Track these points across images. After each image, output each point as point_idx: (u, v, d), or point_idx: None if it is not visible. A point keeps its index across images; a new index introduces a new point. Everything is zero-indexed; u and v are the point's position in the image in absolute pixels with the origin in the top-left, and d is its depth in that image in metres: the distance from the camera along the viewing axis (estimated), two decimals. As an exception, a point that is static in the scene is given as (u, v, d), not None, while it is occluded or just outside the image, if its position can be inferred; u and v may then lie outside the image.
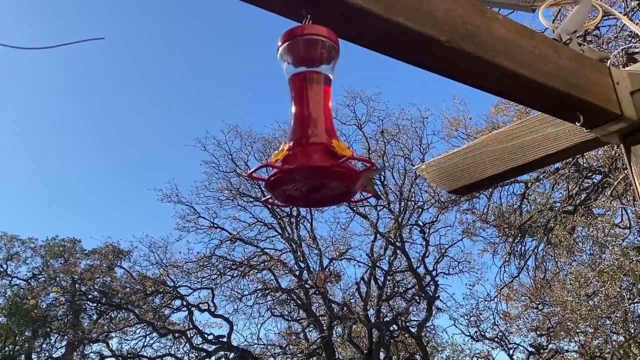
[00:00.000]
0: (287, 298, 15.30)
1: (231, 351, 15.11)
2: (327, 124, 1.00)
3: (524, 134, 1.99)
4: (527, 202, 13.37)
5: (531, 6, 2.00)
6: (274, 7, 1.12)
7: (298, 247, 15.00)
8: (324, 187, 0.97)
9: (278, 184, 0.93)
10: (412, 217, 15.16)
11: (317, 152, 0.93)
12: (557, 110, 1.61)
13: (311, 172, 0.92)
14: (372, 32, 1.20)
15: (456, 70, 1.38)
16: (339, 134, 1.02)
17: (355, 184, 0.94)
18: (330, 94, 1.04)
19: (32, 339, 17.48)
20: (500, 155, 2.05)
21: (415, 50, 1.28)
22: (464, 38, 1.29)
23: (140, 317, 15.63)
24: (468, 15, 1.34)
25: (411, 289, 15.46)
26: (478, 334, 15.63)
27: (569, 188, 12.14)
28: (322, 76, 1.04)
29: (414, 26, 1.20)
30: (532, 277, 13.97)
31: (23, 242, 19.02)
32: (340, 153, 0.91)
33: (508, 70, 1.37)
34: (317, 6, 1.10)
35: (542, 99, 1.54)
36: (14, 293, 17.99)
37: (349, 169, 0.93)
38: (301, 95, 1.02)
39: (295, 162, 0.92)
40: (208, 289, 15.27)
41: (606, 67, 1.69)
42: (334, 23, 1.15)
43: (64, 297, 17.32)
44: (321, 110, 1.01)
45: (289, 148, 0.94)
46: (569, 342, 14.50)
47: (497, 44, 1.37)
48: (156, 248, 15.43)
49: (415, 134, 15.15)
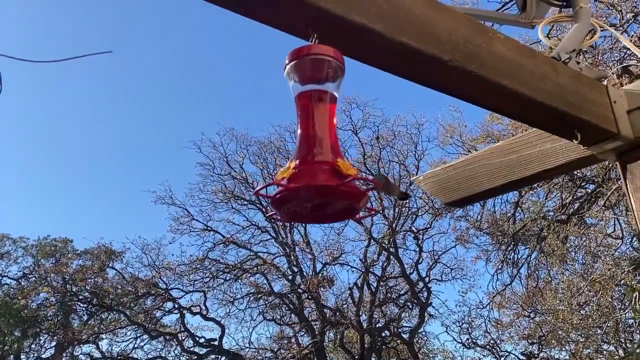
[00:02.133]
0: (280, 302, 15.28)
1: (222, 355, 15.07)
2: (332, 142, 1.02)
3: (521, 149, 2.01)
4: (520, 211, 13.44)
5: (530, 23, 2.04)
6: (281, 26, 1.13)
7: (292, 251, 15.00)
8: (328, 205, 0.98)
9: (284, 201, 0.95)
10: (406, 223, 15.21)
11: (323, 171, 0.95)
12: (556, 128, 1.64)
13: (316, 191, 0.93)
14: (376, 51, 1.22)
15: (458, 88, 1.40)
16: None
17: (360, 201, 0.95)
18: (335, 112, 1.06)
19: (22, 339, 17.35)
20: (497, 169, 2.08)
21: (418, 69, 1.30)
22: (466, 57, 1.31)
23: (131, 319, 15.56)
24: (470, 34, 1.36)
25: (404, 295, 15.49)
26: (470, 341, 15.67)
27: (562, 197, 12.21)
28: (328, 95, 1.05)
29: (418, 46, 1.22)
30: (524, 285, 14.04)
31: (14, 241, 18.90)
32: (345, 172, 0.93)
33: (509, 89, 1.40)
34: (323, 25, 1.11)
35: (542, 117, 1.57)
36: (4, 292, 17.86)
37: (354, 188, 0.94)
38: (307, 113, 1.04)
39: (301, 181, 0.93)
40: (200, 292, 15.24)
41: (604, 85, 1.71)
42: (339, 41, 1.17)
43: (55, 297, 17.22)
44: (326, 128, 1.03)
45: (295, 166, 0.96)
46: (560, 351, 14.57)
47: (499, 63, 1.39)
48: (149, 250, 15.41)
49: (410, 140, 15.22)
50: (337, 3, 1.10)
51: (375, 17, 1.15)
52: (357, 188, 0.95)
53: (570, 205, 11.90)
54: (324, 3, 1.08)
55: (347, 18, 1.11)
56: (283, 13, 1.10)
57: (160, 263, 15.32)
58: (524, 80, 1.44)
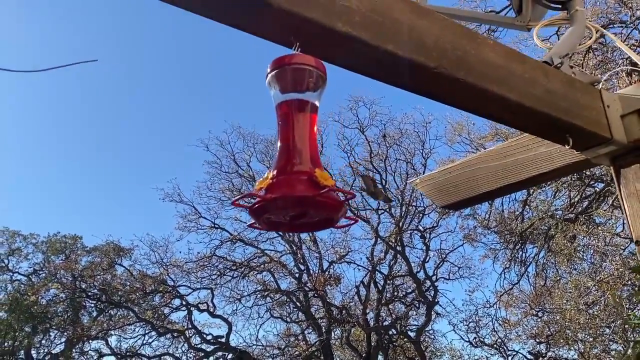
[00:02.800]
0: (287, 300, 15.32)
1: (229, 352, 15.13)
2: (311, 151, 1.02)
3: (517, 152, 2.01)
4: (529, 209, 13.37)
5: (526, 25, 2.03)
6: (264, 34, 1.14)
7: (298, 249, 15.02)
8: (307, 214, 0.99)
9: (262, 211, 0.95)
10: (413, 222, 15.17)
11: (300, 181, 0.96)
12: (547, 133, 1.63)
13: (293, 202, 0.94)
14: (361, 59, 1.22)
15: (445, 95, 1.40)
16: (340, 137, 1.04)
17: (338, 212, 0.96)
18: (316, 121, 1.06)
19: (32, 334, 17.53)
20: (493, 173, 2.07)
21: (404, 77, 1.30)
22: (453, 64, 1.31)
23: (140, 316, 15.66)
24: (458, 40, 1.36)
25: (411, 294, 15.46)
26: (477, 339, 15.62)
27: (570, 196, 12.13)
28: (309, 104, 1.06)
29: (403, 53, 1.22)
30: (532, 284, 13.97)
31: (25, 238, 19.08)
32: (323, 183, 0.93)
33: (497, 94, 1.39)
34: (307, 34, 1.12)
35: (532, 122, 1.56)
36: (14, 289, 18.05)
37: (331, 198, 0.95)
38: (287, 122, 1.04)
39: (277, 191, 0.94)
40: (208, 289, 15.30)
41: (597, 90, 1.70)
42: (323, 50, 1.17)
43: (64, 293, 17.37)
44: (306, 138, 1.03)
45: (272, 176, 0.96)
46: (569, 350, 14.49)
47: (487, 69, 1.39)
48: (157, 247, 15.48)
49: (417, 138, 15.17)
50: (321, 12, 1.10)
51: (359, 25, 1.15)
52: (334, 199, 0.95)
53: (578, 204, 11.81)
54: (308, 12, 1.09)
55: (331, 27, 1.11)
56: (266, 23, 1.10)
57: (168, 260, 15.41)
58: (514, 85, 1.44)
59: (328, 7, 1.11)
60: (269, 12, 1.06)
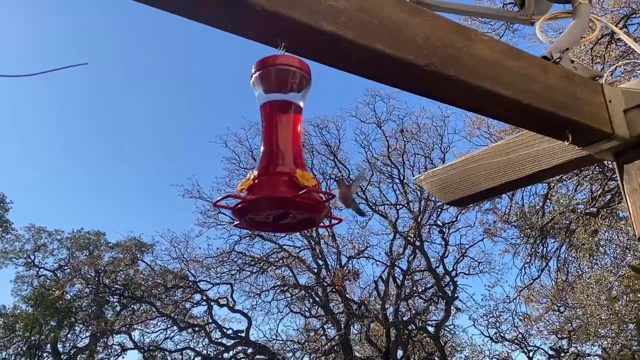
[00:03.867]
0: (305, 295, 15.38)
1: (249, 346, 15.27)
2: (294, 152, 1.03)
3: (519, 149, 1.98)
4: (549, 203, 13.17)
5: (529, 19, 2.00)
6: (250, 35, 1.14)
7: (316, 244, 15.05)
8: (289, 214, 1.00)
9: (244, 212, 0.96)
10: (432, 217, 15.08)
11: (281, 182, 0.96)
12: (546, 129, 1.61)
13: (272, 203, 0.95)
14: (349, 58, 1.22)
15: (437, 92, 1.40)
16: (358, 133, 1.04)
17: (318, 212, 0.96)
18: (300, 121, 1.07)
19: (58, 329, 17.92)
20: (496, 169, 2.05)
21: (394, 75, 1.30)
22: (444, 61, 1.30)
23: (161, 311, 15.89)
24: (450, 38, 1.35)
25: (430, 289, 15.39)
26: (497, 335, 15.49)
27: (592, 189, 11.91)
28: (292, 105, 1.06)
29: (392, 52, 1.21)
30: (553, 279, 13.78)
31: (50, 234, 19.48)
32: (303, 184, 0.94)
33: (490, 91, 1.38)
34: (292, 35, 1.12)
35: (529, 119, 1.54)
36: (40, 284, 18.47)
37: (311, 199, 0.95)
38: (270, 123, 1.05)
39: (258, 192, 0.95)
40: (227, 284, 15.46)
41: (598, 84, 1.67)
42: (309, 50, 1.18)
43: (88, 288, 17.71)
44: (289, 138, 1.04)
45: (254, 177, 0.97)
46: (592, 346, 14.27)
47: (480, 66, 1.37)
48: (177, 243, 15.67)
49: (436, 132, 15.05)
50: (306, 12, 1.10)
51: (345, 25, 1.15)
52: (315, 199, 0.96)
53: (600, 197, 11.59)
54: (291, 13, 1.09)
55: (316, 27, 1.11)
56: (250, 24, 1.10)
57: (188, 256, 15.59)
58: (508, 82, 1.42)
59: (312, 7, 1.11)
60: (252, 13, 1.06)
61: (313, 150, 15.34)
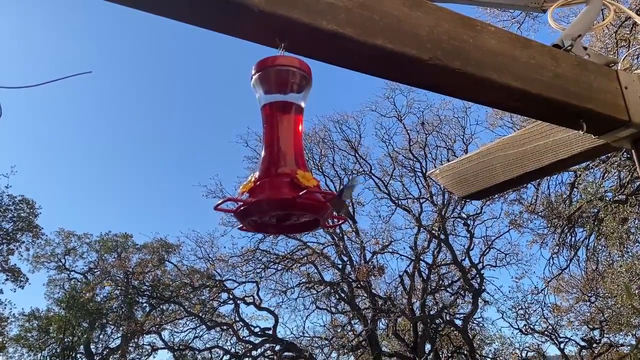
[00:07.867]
0: (331, 291, 15.40)
1: (277, 343, 15.36)
2: (296, 153, 1.03)
3: (535, 139, 1.94)
4: (576, 192, 12.90)
5: (541, 7, 1.95)
6: (249, 37, 1.14)
7: (340, 240, 15.05)
8: (292, 216, 0.99)
9: (246, 214, 0.96)
10: (456, 210, 14.93)
11: (281, 184, 0.96)
12: (558, 119, 1.57)
13: (273, 205, 0.95)
14: (350, 55, 1.21)
15: (444, 86, 1.37)
16: (378, 127, 1.03)
17: (320, 213, 0.96)
18: (301, 122, 1.06)
19: (90, 330, 18.31)
20: (512, 161, 2.02)
21: (398, 70, 1.28)
22: (448, 54, 1.28)
23: (189, 310, 16.10)
24: (455, 30, 1.32)
25: (457, 282, 15.25)
26: (527, 327, 15.28)
27: (620, 176, 11.63)
28: (293, 106, 1.06)
29: (394, 47, 1.20)
30: (583, 268, 13.51)
31: (79, 238, 19.90)
32: (304, 184, 0.93)
33: (497, 83, 1.35)
34: (292, 34, 1.11)
35: (541, 109, 1.50)
36: (71, 287, 18.88)
37: (313, 199, 0.95)
38: (271, 124, 1.05)
39: (260, 194, 0.95)
40: (253, 283, 15.57)
41: (613, 71, 1.62)
42: (310, 49, 1.17)
43: (118, 290, 18.04)
44: (290, 139, 1.03)
45: (255, 180, 0.97)
46: (625, 336, 13.97)
47: (486, 57, 1.35)
48: (202, 243, 15.84)
49: (458, 124, 14.88)
50: (304, 12, 1.10)
51: (345, 22, 1.14)
52: (316, 199, 0.95)
53: (629, 184, 11.32)
54: (290, 13, 1.08)
55: (315, 26, 1.11)
56: (249, 26, 1.10)
57: (213, 255, 15.75)
58: (517, 72, 1.39)
59: (311, 6, 1.10)
60: (250, 15, 1.06)
61: (334, 147, 15.32)
